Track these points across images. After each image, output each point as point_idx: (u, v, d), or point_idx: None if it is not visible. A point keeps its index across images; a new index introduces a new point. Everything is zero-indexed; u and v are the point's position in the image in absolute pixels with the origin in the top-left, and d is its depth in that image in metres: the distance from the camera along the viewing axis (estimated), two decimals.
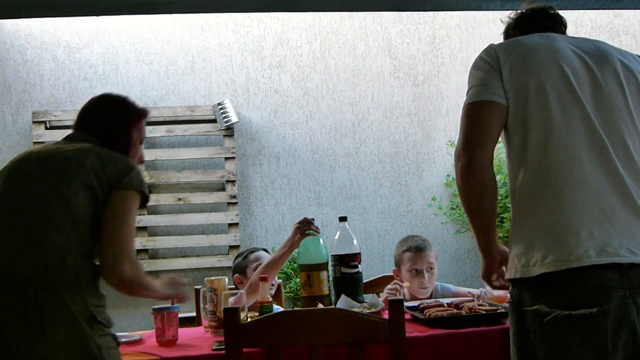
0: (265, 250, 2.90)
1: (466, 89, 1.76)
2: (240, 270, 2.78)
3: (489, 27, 4.66)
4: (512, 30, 1.94)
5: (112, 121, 1.92)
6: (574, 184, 1.58)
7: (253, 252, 2.83)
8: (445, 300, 2.32)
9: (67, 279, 1.64)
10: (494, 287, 1.81)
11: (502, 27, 2.00)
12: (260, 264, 2.64)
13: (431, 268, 2.72)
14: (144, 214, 4.33)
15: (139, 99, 4.37)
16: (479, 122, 1.67)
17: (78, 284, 1.65)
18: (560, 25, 1.93)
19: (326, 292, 2.41)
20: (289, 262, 4.10)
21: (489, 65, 1.71)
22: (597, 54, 1.74)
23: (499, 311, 2.10)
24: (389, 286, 2.61)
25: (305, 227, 2.48)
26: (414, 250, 2.73)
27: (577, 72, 1.68)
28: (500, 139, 1.74)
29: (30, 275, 1.63)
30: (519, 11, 1.99)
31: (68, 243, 1.66)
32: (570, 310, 1.50)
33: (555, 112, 1.63)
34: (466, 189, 1.68)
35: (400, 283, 2.64)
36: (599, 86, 1.68)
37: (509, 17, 2.00)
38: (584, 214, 1.55)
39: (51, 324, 1.60)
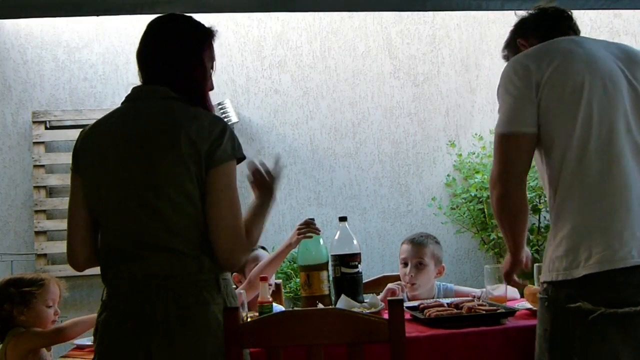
0: (263, 248, 2.90)
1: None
2: (239, 269, 2.78)
3: (489, 27, 4.65)
4: (532, 30, 1.95)
5: (179, 56, 1.73)
6: (614, 185, 1.62)
7: (252, 250, 2.83)
8: (445, 300, 2.32)
9: None
10: (513, 285, 1.96)
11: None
12: (259, 263, 2.65)
13: (420, 264, 2.69)
14: None
15: None
16: (512, 154, 1.74)
17: None
18: (576, 27, 1.95)
19: (326, 292, 2.42)
20: (289, 262, 4.10)
21: (519, 87, 1.72)
22: (627, 57, 1.78)
23: (499, 311, 2.10)
24: (390, 284, 2.61)
25: (304, 229, 2.48)
26: (409, 242, 2.76)
27: (613, 76, 1.71)
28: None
29: None
30: (536, 9, 1.99)
31: None
32: (615, 307, 1.53)
33: (595, 116, 1.65)
34: (502, 215, 1.80)
35: (402, 284, 2.65)
36: (634, 89, 1.72)
37: (527, 12, 2.00)
38: (626, 215, 1.59)
39: None
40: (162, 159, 1.62)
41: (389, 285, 2.62)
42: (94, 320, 2.42)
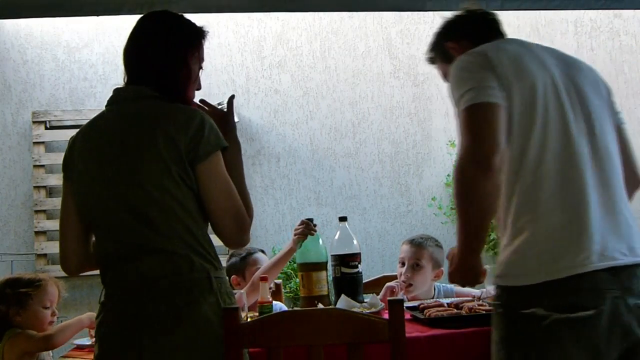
0: (262, 251, 2.91)
1: None
2: (237, 271, 2.78)
3: None
4: (462, 33, 1.90)
5: (164, 56, 1.72)
6: (570, 190, 1.59)
7: (252, 253, 2.83)
8: (445, 300, 2.32)
9: None
10: (458, 284, 1.74)
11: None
12: (259, 267, 2.65)
13: (417, 265, 2.69)
14: None
15: None
16: (490, 124, 1.53)
17: None
18: (503, 31, 1.93)
19: (326, 292, 2.42)
20: (290, 262, 4.10)
21: (480, 66, 1.63)
22: (565, 62, 1.76)
23: None
24: (389, 283, 2.61)
25: (301, 229, 2.48)
26: (408, 243, 2.75)
27: (558, 79, 1.68)
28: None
29: None
30: (463, 11, 1.97)
31: None
32: (567, 313, 1.50)
33: (551, 118, 1.62)
34: (480, 195, 1.51)
35: (400, 283, 2.64)
36: (579, 91, 1.69)
37: (453, 14, 1.97)
38: (584, 221, 1.56)
39: None
40: (142, 160, 1.62)
41: (388, 284, 2.62)
42: (82, 322, 2.42)
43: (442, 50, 1.95)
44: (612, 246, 1.55)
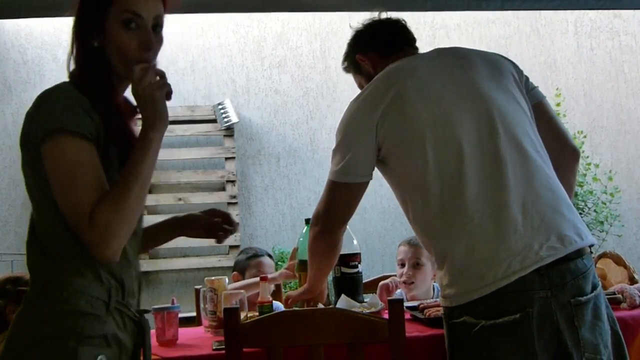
0: (269, 255, 2.92)
1: None
2: (240, 269, 2.80)
3: (489, 27, 4.65)
4: (368, 46, 1.93)
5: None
6: (488, 201, 1.57)
7: (258, 256, 2.84)
8: None
9: None
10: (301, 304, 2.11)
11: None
12: (260, 271, 2.68)
13: (417, 264, 2.71)
14: (144, 214, 4.32)
15: None
16: (342, 200, 1.81)
17: None
18: (411, 38, 1.97)
19: (325, 292, 2.41)
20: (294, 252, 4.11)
21: (361, 127, 1.73)
22: (463, 63, 1.76)
23: None
24: (382, 282, 2.62)
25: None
26: (406, 244, 2.77)
27: (457, 94, 1.69)
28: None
29: None
30: (370, 20, 1.98)
31: None
32: (494, 319, 1.51)
33: (439, 147, 1.63)
34: (315, 251, 1.94)
35: (395, 280, 2.66)
36: (481, 95, 1.68)
37: (362, 24, 1.99)
38: (501, 230, 1.55)
39: None
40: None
41: (382, 283, 2.62)
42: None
43: (353, 61, 1.98)
44: (539, 244, 1.52)
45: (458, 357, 1.63)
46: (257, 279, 2.49)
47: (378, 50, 1.90)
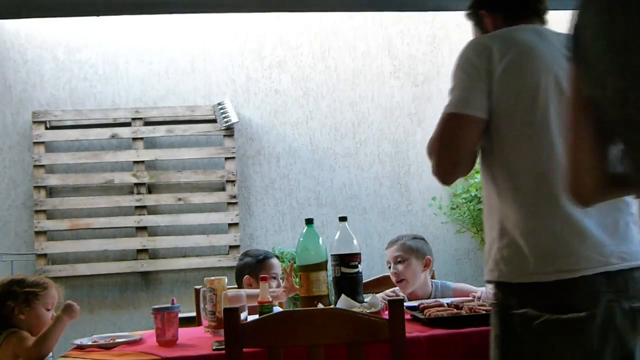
0: (276, 257, 2.93)
1: None
2: (251, 271, 2.77)
3: None
4: (498, 7, 1.82)
5: None
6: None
7: (269, 257, 2.83)
8: (445, 300, 2.32)
9: None
10: None
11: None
12: (274, 273, 2.70)
13: (401, 259, 2.71)
14: (144, 214, 4.33)
15: (139, 99, 4.39)
16: (456, 133, 1.64)
17: None
18: (542, 10, 1.83)
19: (325, 292, 2.41)
20: (289, 261, 4.11)
21: (477, 68, 1.63)
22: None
23: None
24: (385, 296, 2.61)
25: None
26: (387, 246, 2.81)
27: (562, 78, 1.61)
28: None
29: None
30: None
31: None
32: (559, 314, 1.50)
33: (552, 120, 1.59)
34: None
35: (396, 291, 2.68)
36: None
37: None
38: (578, 223, 1.54)
39: None
40: None
41: (385, 296, 2.62)
42: (62, 321, 2.37)
43: (476, 14, 1.90)
44: (609, 250, 1.53)
45: (507, 350, 1.58)
46: (281, 289, 2.50)
47: (504, 12, 1.80)
